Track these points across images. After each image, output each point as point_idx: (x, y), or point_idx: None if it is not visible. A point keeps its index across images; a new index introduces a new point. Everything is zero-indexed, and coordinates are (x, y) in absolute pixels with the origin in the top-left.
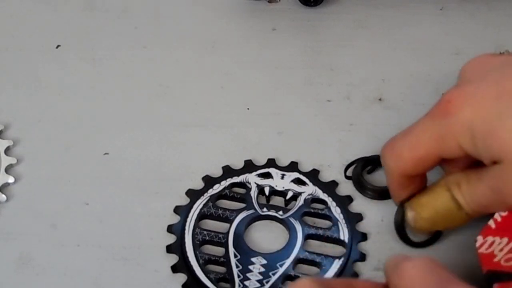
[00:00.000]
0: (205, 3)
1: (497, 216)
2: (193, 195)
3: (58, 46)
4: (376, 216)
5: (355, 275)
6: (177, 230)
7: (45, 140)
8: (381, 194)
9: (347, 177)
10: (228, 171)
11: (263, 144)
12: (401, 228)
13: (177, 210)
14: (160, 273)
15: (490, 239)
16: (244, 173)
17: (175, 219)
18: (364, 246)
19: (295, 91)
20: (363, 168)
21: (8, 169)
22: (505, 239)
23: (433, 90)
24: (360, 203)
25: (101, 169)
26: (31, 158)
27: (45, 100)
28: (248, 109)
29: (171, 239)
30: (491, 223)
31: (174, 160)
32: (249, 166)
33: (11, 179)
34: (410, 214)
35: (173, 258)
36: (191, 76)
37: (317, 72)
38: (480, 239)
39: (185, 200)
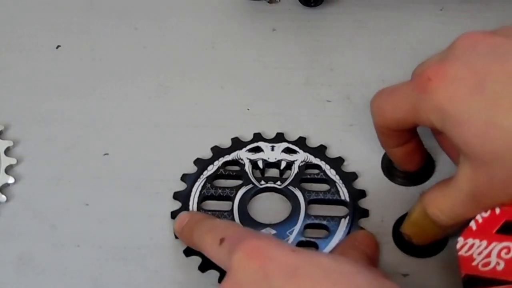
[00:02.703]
0: (205, 3)
1: (478, 217)
2: (189, 179)
3: (58, 46)
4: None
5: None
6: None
7: (45, 140)
8: (411, 179)
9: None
10: (218, 152)
11: None
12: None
13: (176, 196)
14: (160, 273)
15: (470, 241)
16: (234, 151)
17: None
18: (364, 203)
19: (295, 91)
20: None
21: (8, 170)
22: (484, 242)
23: None
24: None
25: (101, 169)
26: (31, 158)
27: (45, 100)
28: (248, 109)
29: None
30: (472, 224)
31: (174, 160)
32: (237, 143)
33: (11, 180)
34: (406, 237)
35: (175, 254)
36: (191, 76)
37: (317, 72)
38: (461, 240)
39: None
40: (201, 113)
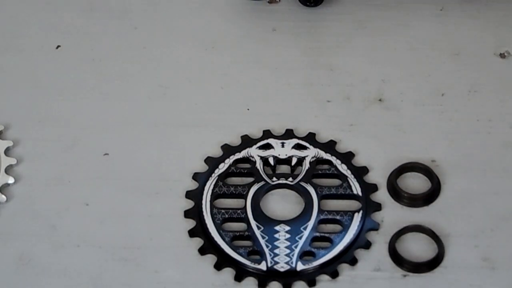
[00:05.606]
0: (205, 3)
1: None
2: (201, 178)
3: (58, 46)
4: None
5: (376, 225)
6: (194, 214)
7: (45, 140)
8: (417, 201)
9: None
10: (228, 150)
11: None
12: None
13: (189, 195)
14: (160, 273)
15: None
16: (244, 148)
17: (176, 218)
18: (377, 196)
19: (295, 91)
20: (397, 176)
21: (8, 170)
22: None
23: (433, 90)
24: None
25: (101, 169)
26: (31, 158)
27: (45, 100)
28: (248, 109)
29: (179, 232)
30: None
31: (174, 160)
32: (247, 141)
33: (11, 180)
34: None
35: (175, 254)
36: (191, 76)
37: (317, 73)
38: None
39: (184, 202)
40: (201, 113)
